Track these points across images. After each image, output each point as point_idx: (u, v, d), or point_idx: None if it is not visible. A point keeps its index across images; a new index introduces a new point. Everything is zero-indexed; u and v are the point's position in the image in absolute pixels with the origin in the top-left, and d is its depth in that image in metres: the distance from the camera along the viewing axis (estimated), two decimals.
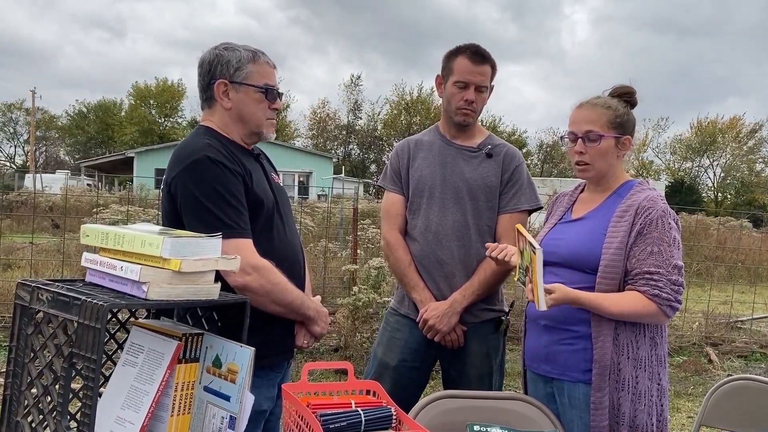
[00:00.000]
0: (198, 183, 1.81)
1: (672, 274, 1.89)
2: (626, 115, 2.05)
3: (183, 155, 1.86)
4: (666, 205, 1.96)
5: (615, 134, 2.02)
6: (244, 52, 1.94)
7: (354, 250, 6.76)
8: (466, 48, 2.45)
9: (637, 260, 1.90)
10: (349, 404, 1.55)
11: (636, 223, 1.92)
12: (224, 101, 1.94)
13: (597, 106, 2.04)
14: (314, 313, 2.00)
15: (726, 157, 45.42)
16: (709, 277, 9.59)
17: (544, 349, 2.04)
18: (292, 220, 2.12)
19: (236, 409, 1.45)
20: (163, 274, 1.35)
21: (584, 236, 2.01)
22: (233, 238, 1.79)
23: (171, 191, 1.86)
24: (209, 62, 1.94)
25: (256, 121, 1.96)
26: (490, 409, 1.98)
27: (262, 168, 2.03)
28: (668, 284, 1.88)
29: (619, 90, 2.09)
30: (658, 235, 1.90)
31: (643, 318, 1.91)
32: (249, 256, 1.80)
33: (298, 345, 2.04)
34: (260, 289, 1.82)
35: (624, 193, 2.04)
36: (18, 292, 1.42)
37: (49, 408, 1.34)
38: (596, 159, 2.02)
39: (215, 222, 1.77)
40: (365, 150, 49.14)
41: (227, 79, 1.92)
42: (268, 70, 1.97)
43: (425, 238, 2.49)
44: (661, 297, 1.87)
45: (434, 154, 2.55)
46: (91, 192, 19.24)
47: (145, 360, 1.48)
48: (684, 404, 5.00)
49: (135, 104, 50.02)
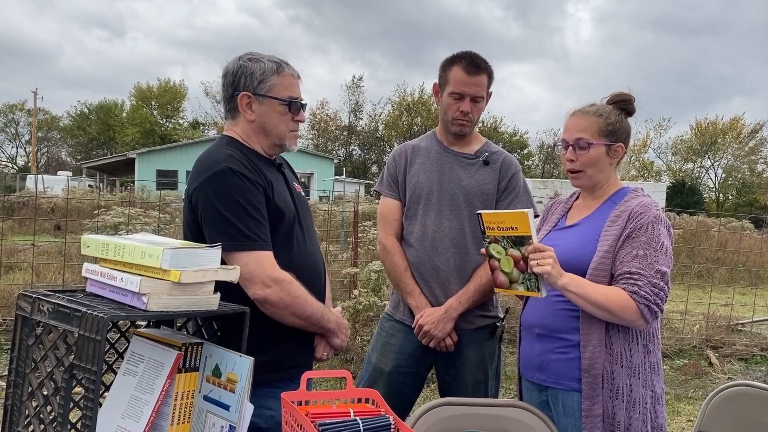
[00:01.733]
0: (219, 194, 1.80)
1: (654, 278, 1.87)
2: (618, 123, 2.05)
3: (205, 166, 1.85)
4: (659, 212, 1.96)
5: (606, 142, 2.02)
6: (269, 63, 1.93)
7: (355, 253, 6.77)
8: (461, 58, 2.46)
9: (621, 262, 1.91)
10: (347, 413, 1.56)
11: (627, 227, 1.93)
12: (247, 113, 1.93)
13: (588, 114, 2.04)
14: (334, 325, 1.99)
15: (727, 157, 45.40)
16: (710, 279, 9.60)
17: (538, 357, 2.05)
18: (313, 231, 2.10)
19: (236, 419, 1.46)
20: (163, 285, 1.36)
21: (577, 242, 2.02)
22: (254, 250, 1.79)
23: (192, 202, 1.85)
24: (233, 73, 1.93)
25: (278, 133, 1.96)
26: (488, 417, 1.98)
27: (284, 178, 2.03)
28: (648, 285, 1.86)
29: (616, 97, 2.09)
30: (646, 239, 1.90)
31: (622, 315, 1.87)
32: (269, 268, 1.79)
33: (318, 357, 2.04)
34: (280, 302, 1.81)
35: (618, 200, 2.06)
36: (19, 303, 1.43)
37: (50, 418, 1.36)
38: (587, 166, 2.04)
39: (236, 234, 1.77)
40: (366, 151, 49.18)
41: (251, 91, 1.91)
42: (292, 81, 1.96)
43: (421, 245, 2.50)
44: (639, 294, 1.85)
45: (432, 161, 2.56)
46: (93, 193, 19.26)
47: (146, 369, 1.49)
48: (684, 408, 5.00)
49: (137, 105, 50.07)
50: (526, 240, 1.91)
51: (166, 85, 50.59)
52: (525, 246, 1.91)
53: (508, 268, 1.96)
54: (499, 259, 1.98)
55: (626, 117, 2.10)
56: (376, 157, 48.49)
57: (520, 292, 1.97)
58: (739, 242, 12.43)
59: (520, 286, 1.94)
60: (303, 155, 34.14)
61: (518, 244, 1.92)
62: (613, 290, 1.89)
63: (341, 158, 45.79)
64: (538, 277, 1.89)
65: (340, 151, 48.23)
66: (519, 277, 1.94)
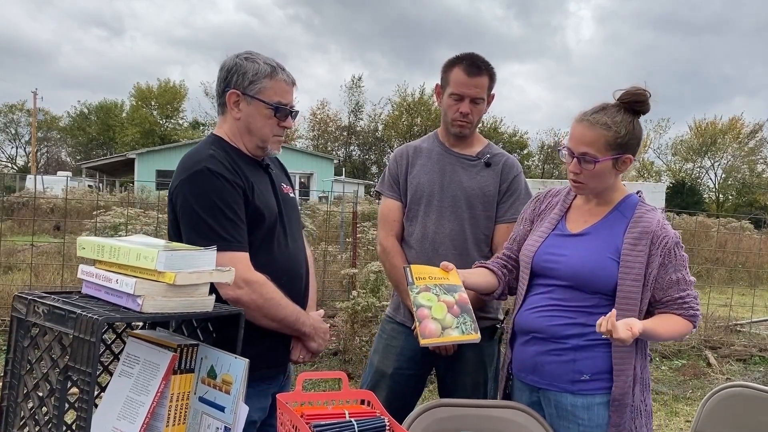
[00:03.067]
0: (196, 194, 1.83)
1: (693, 291, 2.01)
2: (629, 134, 1.93)
3: (186, 166, 1.88)
4: (674, 231, 2.00)
5: (613, 155, 1.93)
6: (264, 65, 1.93)
7: (354, 253, 6.77)
8: (462, 59, 2.46)
9: (664, 290, 1.97)
10: (343, 414, 1.57)
11: (654, 254, 1.94)
12: (234, 111, 1.96)
13: (597, 126, 1.91)
14: (310, 329, 2.00)
15: (727, 158, 45.39)
16: (710, 279, 9.59)
17: (532, 359, 2.04)
18: (298, 233, 2.11)
19: (231, 420, 1.46)
20: (158, 287, 1.36)
21: (588, 256, 1.97)
22: (229, 251, 1.80)
23: (173, 200, 1.88)
24: (227, 69, 1.95)
25: (262, 136, 1.97)
26: (485, 418, 1.99)
27: (270, 179, 2.04)
28: (693, 300, 1.99)
29: (629, 96, 1.94)
30: (678, 262, 1.97)
31: (683, 336, 2.04)
32: (242, 270, 1.81)
33: (294, 360, 2.05)
34: (252, 303, 1.83)
35: (627, 213, 2.01)
36: (14, 305, 1.44)
37: (45, 419, 1.36)
38: (590, 180, 1.97)
39: (211, 234, 1.79)
40: (366, 151, 49.18)
41: (240, 90, 1.93)
42: (284, 87, 1.96)
43: (422, 246, 2.50)
44: (696, 316, 2.00)
45: (433, 162, 2.56)
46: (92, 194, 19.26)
47: (141, 371, 1.50)
48: (682, 408, 5.00)
49: (136, 105, 50.09)
50: (458, 288, 1.95)
51: (166, 85, 50.60)
52: (458, 292, 1.94)
53: (441, 314, 1.88)
54: (430, 307, 1.89)
55: (638, 119, 1.97)
56: (375, 158, 48.50)
57: (453, 338, 1.88)
58: (739, 243, 12.45)
59: (454, 330, 1.87)
60: (303, 155, 34.15)
61: (450, 291, 1.95)
62: (673, 321, 1.98)
63: (341, 158, 45.78)
64: (471, 316, 1.91)
65: (340, 152, 48.23)
66: (453, 322, 1.89)
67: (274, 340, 1.98)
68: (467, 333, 1.89)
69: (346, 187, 21.31)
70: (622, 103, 1.95)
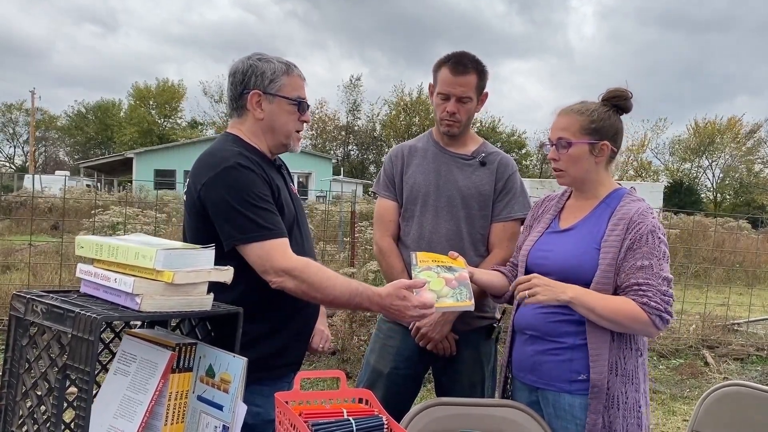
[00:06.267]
0: (231, 189, 1.82)
1: (661, 285, 1.90)
2: (604, 120, 2.01)
3: (213, 162, 1.87)
4: (656, 220, 1.96)
5: (588, 140, 1.99)
6: (278, 64, 1.97)
7: (352, 253, 6.78)
8: (449, 58, 2.46)
9: (626, 274, 1.91)
10: (341, 413, 1.57)
11: (626, 237, 1.92)
12: (257, 111, 1.97)
13: (572, 112, 2.03)
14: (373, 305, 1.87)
15: (725, 157, 45.44)
16: (707, 279, 9.61)
17: (530, 359, 2.05)
18: (308, 231, 2.14)
19: (229, 419, 1.46)
20: (157, 286, 1.37)
21: (574, 248, 2.00)
22: (273, 239, 1.81)
23: (200, 197, 1.85)
24: (243, 72, 1.96)
25: (286, 132, 2.00)
26: (483, 417, 1.99)
27: (283, 179, 2.06)
28: (658, 294, 1.88)
29: (610, 94, 2.06)
30: (648, 249, 1.91)
31: (633, 326, 1.91)
32: (279, 259, 1.80)
33: (313, 348, 2.13)
34: (296, 289, 1.82)
35: (613, 204, 2.03)
36: (13, 304, 1.44)
37: (43, 418, 1.36)
38: (569, 165, 2.02)
39: (252, 225, 1.80)
40: (364, 150, 49.16)
41: (261, 89, 1.95)
42: (299, 82, 2.01)
43: (418, 246, 2.49)
44: (649, 305, 1.87)
45: (428, 161, 2.57)
46: (91, 193, 19.25)
47: (138, 369, 1.50)
48: (680, 407, 5.01)
49: (134, 105, 50.05)
50: (460, 270, 2.01)
51: (164, 84, 50.57)
52: (458, 272, 1.99)
53: (438, 286, 1.97)
54: (428, 281, 1.96)
55: (619, 114, 2.06)
56: (374, 157, 48.47)
57: (447, 305, 1.95)
58: (736, 242, 12.46)
59: (449, 299, 1.95)
60: (301, 155, 34.00)
61: (452, 271, 2.00)
62: (622, 301, 1.89)
63: (339, 158, 45.77)
64: (468, 289, 1.94)
65: (338, 151, 48.21)
66: (449, 292, 1.96)
67: (294, 336, 2.00)
68: (461, 301, 1.94)
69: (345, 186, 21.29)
70: (602, 100, 2.06)
